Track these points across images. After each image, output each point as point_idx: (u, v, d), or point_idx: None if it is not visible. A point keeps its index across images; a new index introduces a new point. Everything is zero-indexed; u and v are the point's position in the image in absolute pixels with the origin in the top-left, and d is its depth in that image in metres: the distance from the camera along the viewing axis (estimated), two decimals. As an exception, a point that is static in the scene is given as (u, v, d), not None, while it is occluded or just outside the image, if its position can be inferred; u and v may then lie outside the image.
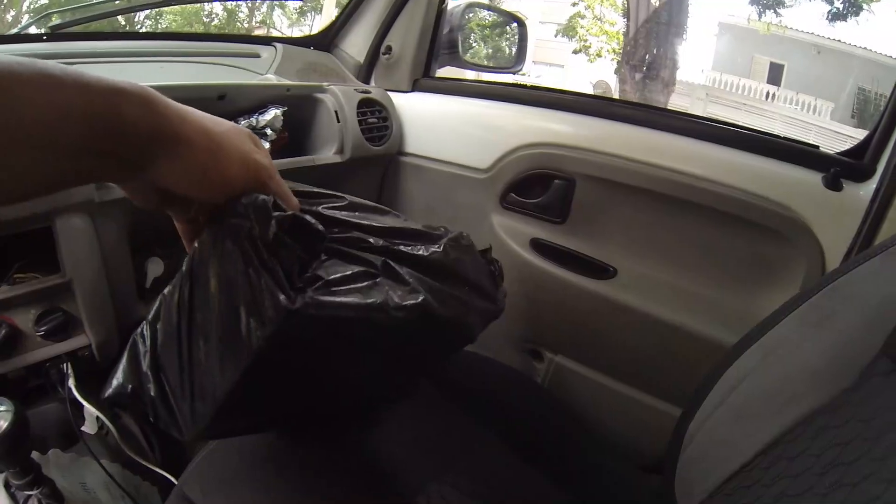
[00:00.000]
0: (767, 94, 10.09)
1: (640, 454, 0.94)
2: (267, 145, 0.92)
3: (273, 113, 0.93)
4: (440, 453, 0.66)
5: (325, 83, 1.06)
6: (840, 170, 0.80)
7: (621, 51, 8.92)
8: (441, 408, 0.73)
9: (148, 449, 0.90)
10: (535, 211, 1.02)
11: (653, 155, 0.91)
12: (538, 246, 1.02)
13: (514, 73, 1.36)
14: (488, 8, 1.58)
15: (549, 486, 0.67)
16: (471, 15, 1.29)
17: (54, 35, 0.99)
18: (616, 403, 0.98)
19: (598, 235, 0.99)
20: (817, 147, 0.87)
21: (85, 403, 0.75)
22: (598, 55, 9.30)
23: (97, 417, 0.75)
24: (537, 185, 1.01)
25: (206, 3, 9.85)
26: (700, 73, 10.55)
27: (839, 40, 9.45)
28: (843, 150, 0.86)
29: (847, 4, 8.15)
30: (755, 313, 0.80)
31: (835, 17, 8.29)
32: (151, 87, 0.34)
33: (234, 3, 10.10)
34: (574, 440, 0.78)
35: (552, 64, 10.98)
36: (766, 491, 0.42)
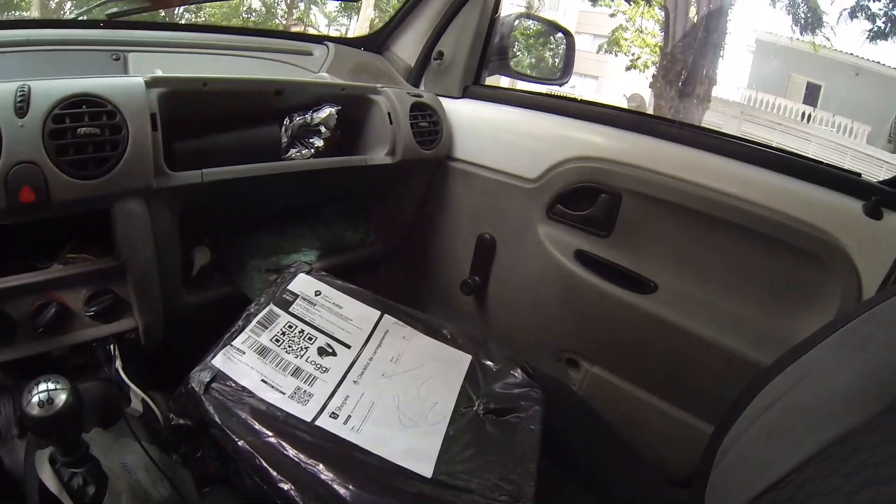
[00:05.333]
0: (803, 114, 9.86)
1: (670, 468, 0.95)
2: (320, 142, 0.93)
3: (328, 111, 0.94)
4: None
5: (378, 85, 1.07)
6: (881, 198, 0.80)
7: (658, 64, 8.81)
8: None
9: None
10: (580, 223, 1.02)
11: (697, 174, 0.91)
12: (582, 258, 1.02)
13: (560, 86, 1.36)
14: (538, 19, 1.58)
15: (580, 493, 0.69)
16: (517, 23, 1.28)
17: (111, 23, 1.01)
18: (649, 416, 0.99)
19: (640, 250, 0.99)
20: (859, 175, 0.87)
21: (132, 386, 0.76)
22: (646, 66, 9.21)
23: (142, 400, 0.76)
24: (584, 197, 1.01)
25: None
26: (735, 91, 10.34)
27: (878, 62, 9.20)
28: (884, 178, 0.86)
29: (889, 24, 7.89)
30: (790, 334, 0.82)
31: (875, 36, 8.03)
32: (210, 77, 0.32)
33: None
34: (607, 450, 0.79)
35: (586, 75, 10.90)
36: None
